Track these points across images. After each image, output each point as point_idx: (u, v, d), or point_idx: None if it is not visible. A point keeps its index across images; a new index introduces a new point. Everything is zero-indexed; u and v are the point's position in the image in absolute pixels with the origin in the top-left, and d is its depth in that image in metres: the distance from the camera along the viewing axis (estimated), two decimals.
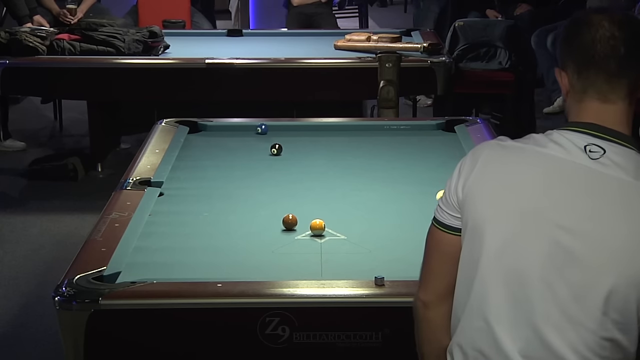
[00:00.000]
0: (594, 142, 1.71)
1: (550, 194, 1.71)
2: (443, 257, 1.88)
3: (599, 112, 1.74)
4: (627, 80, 1.74)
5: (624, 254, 1.66)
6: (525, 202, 1.73)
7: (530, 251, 1.72)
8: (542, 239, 1.71)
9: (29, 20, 6.37)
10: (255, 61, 5.66)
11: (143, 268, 2.74)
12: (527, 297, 1.72)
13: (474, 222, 1.79)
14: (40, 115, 7.55)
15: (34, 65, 5.67)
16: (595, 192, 1.69)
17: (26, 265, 4.78)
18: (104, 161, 6.18)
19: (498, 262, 1.75)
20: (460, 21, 6.82)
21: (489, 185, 1.78)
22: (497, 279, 1.75)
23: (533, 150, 1.75)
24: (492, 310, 1.76)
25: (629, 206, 1.68)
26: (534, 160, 1.74)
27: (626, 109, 1.75)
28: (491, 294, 1.76)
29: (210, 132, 4.37)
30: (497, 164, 1.79)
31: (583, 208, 1.69)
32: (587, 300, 1.68)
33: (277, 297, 2.52)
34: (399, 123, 4.50)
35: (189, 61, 5.68)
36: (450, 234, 1.86)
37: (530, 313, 1.72)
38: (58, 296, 2.53)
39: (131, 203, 3.25)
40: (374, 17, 11.22)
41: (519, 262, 1.73)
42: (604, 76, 1.73)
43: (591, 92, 1.75)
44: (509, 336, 1.74)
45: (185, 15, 7.48)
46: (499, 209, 1.75)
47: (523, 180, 1.74)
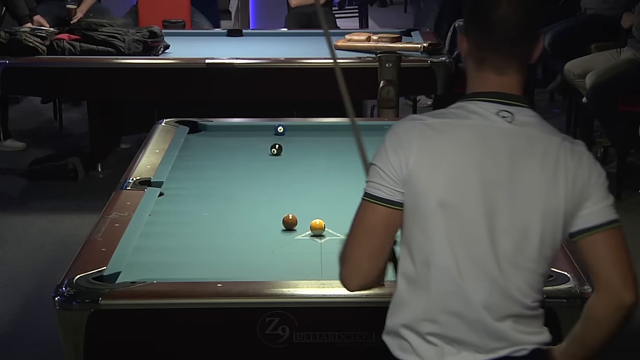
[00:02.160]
0: (503, 109, 1.95)
1: (485, 158, 1.92)
2: (387, 233, 1.98)
3: (498, 82, 1.96)
4: (519, 57, 1.97)
5: (545, 197, 1.92)
6: (466, 170, 1.92)
7: (478, 213, 1.92)
8: (483, 198, 1.92)
9: (29, 20, 6.37)
10: (255, 61, 5.66)
11: (143, 268, 2.74)
12: (482, 253, 1.92)
13: (421, 199, 1.93)
14: (40, 115, 7.55)
15: (34, 65, 5.67)
16: (518, 149, 1.93)
17: (26, 265, 4.78)
18: (104, 161, 6.18)
19: (453, 231, 1.92)
20: (460, 21, 6.81)
21: (430, 161, 1.92)
22: (454, 245, 1.92)
23: (460, 123, 1.95)
24: (457, 272, 1.93)
25: (544, 156, 1.93)
26: (464, 132, 1.94)
27: (520, 79, 1.98)
28: (453, 259, 1.92)
29: (210, 132, 4.37)
30: (431, 141, 1.93)
31: (512, 165, 1.92)
32: (526, 245, 1.93)
33: (277, 297, 2.52)
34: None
35: (189, 61, 5.68)
36: (395, 209, 1.96)
37: (486, 267, 1.92)
38: (58, 296, 2.53)
39: (131, 203, 3.25)
40: (374, 17, 11.22)
41: (469, 225, 1.92)
42: (500, 54, 1.95)
43: (488, 65, 1.96)
44: (475, 291, 1.93)
45: (185, 15, 7.47)
46: (444, 182, 1.92)
47: (460, 151, 1.93)
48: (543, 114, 7.38)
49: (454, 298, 1.94)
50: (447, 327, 1.95)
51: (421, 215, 1.93)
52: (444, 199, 1.91)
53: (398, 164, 1.93)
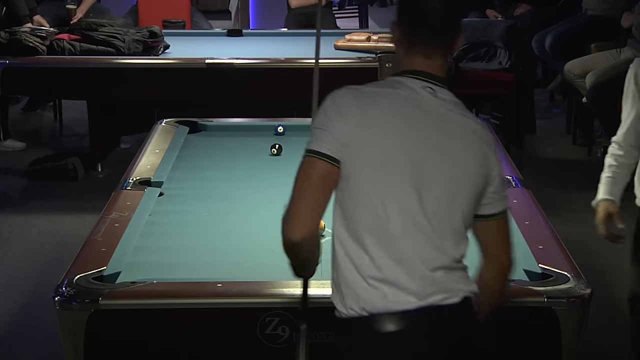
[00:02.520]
0: (427, 85, 2.20)
1: (416, 121, 2.16)
2: (329, 188, 2.15)
3: (424, 64, 2.21)
4: (443, 45, 2.22)
5: (466, 166, 2.17)
6: (400, 132, 2.14)
7: (412, 171, 2.14)
8: (415, 158, 2.14)
9: (29, 20, 6.36)
10: (255, 61, 5.65)
11: (143, 268, 2.74)
12: (413, 209, 2.14)
13: (359, 158, 2.12)
14: (40, 115, 7.55)
15: (34, 65, 5.67)
16: (443, 118, 2.17)
17: (26, 265, 4.78)
18: (104, 161, 6.18)
19: (387, 188, 2.12)
20: None
21: (368, 124, 2.13)
22: (389, 201, 2.13)
23: (391, 92, 2.19)
24: (392, 226, 2.13)
25: (463, 130, 2.19)
26: (396, 99, 2.18)
27: (443, 63, 2.24)
28: (386, 214, 2.13)
29: (210, 132, 4.37)
30: (369, 107, 2.16)
31: (438, 131, 2.16)
32: (451, 203, 2.16)
33: (277, 297, 2.52)
34: None
35: (189, 61, 5.68)
36: (334, 166, 2.13)
37: (417, 222, 2.14)
38: (58, 296, 2.53)
39: (131, 203, 3.26)
40: (374, 17, 11.22)
41: (401, 182, 2.13)
42: (427, 42, 2.20)
43: (415, 50, 2.21)
44: (409, 243, 2.14)
45: (185, 15, 7.48)
46: (380, 143, 2.13)
47: (393, 115, 2.15)
48: (543, 113, 7.42)
49: (392, 248, 2.13)
50: (388, 272, 2.13)
51: (358, 172, 2.13)
52: (380, 159, 2.12)
53: (340, 125, 2.13)
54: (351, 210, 2.15)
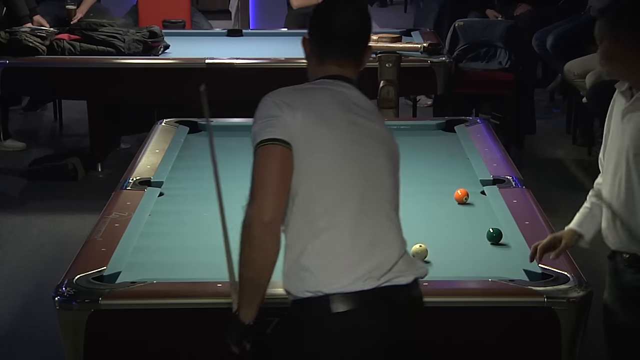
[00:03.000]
0: (344, 85, 2.38)
1: (348, 112, 2.34)
2: (289, 171, 2.24)
3: (339, 72, 2.40)
4: (355, 57, 2.42)
5: (387, 141, 2.39)
6: (339, 121, 2.31)
7: (353, 156, 2.30)
8: (355, 145, 2.30)
9: (29, 20, 6.36)
10: (255, 61, 5.66)
11: (143, 268, 2.74)
12: (372, 205, 2.29)
13: (308, 147, 2.25)
14: (40, 115, 7.55)
15: (34, 65, 5.67)
16: (364, 106, 2.40)
17: (26, 265, 4.78)
18: (104, 161, 6.18)
19: (334, 173, 2.27)
20: (460, 21, 6.81)
21: (312, 116, 2.29)
22: (339, 184, 2.27)
23: (321, 88, 2.37)
24: (343, 209, 2.26)
25: (378, 115, 2.47)
26: (329, 93, 2.36)
27: (356, 71, 2.44)
28: (342, 198, 2.28)
29: None
30: (309, 99, 2.34)
31: (365, 116, 2.36)
32: (389, 188, 2.33)
33: (276, 297, 2.52)
34: (399, 123, 4.51)
35: (189, 61, 5.68)
36: (289, 149, 2.24)
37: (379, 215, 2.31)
38: (58, 296, 2.53)
39: (131, 203, 3.26)
40: (374, 17, 11.08)
41: (348, 167, 2.28)
42: (340, 54, 2.39)
43: (330, 61, 2.40)
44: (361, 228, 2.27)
45: (185, 15, 7.47)
46: (325, 132, 2.28)
47: (330, 106, 2.32)
48: (543, 113, 7.41)
49: (345, 230, 2.24)
50: (342, 254, 2.24)
51: (308, 160, 2.24)
52: (330, 145, 2.27)
53: (288, 114, 2.27)
54: (307, 196, 2.24)
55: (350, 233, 2.24)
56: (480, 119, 4.63)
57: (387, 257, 2.27)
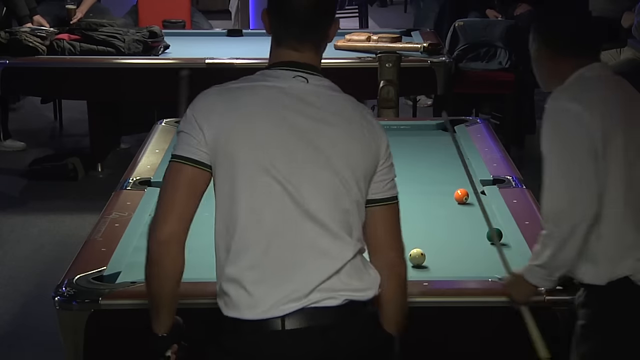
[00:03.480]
0: (298, 74, 2.15)
1: (286, 111, 2.11)
2: (192, 191, 2.10)
3: (294, 56, 2.16)
4: (311, 40, 2.16)
5: (346, 150, 2.11)
6: (269, 124, 2.09)
7: (290, 161, 2.08)
8: (291, 148, 2.08)
9: (29, 20, 6.36)
10: (255, 61, 5.65)
11: (143, 268, 2.73)
12: (299, 218, 2.08)
13: (230, 157, 2.07)
14: (40, 115, 7.55)
15: (34, 65, 5.67)
16: (314, 102, 2.12)
17: (26, 265, 4.78)
18: (104, 161, 6.18)
19: (265, 187, 2.07)
20: (460, 21, 6.81)
21: (234, 121, 2.09)
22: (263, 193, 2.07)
23: (260, 85, 2.16)
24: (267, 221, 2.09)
25: (342, 110, 2.14)
26: (264, 90, 2.14)
27: (315, 55, 2.18)
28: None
29: None
30: (234, 103, 2.13)
31: (310, 115, 2.11)
32: (338, 195, 2.09)
33: None
34: (399, 123, 4.51)
35: (189, 61, 5.67)
36: (202, 170, 2.09)
37: (312, 229, 2.09)
38: (58, 296, 2.53)
39: (131, 203, 3.25)
40: (374, 17, 11.22)
41: (280, 177, 2.07)
42: (294, 37, 2.15)
43: (285, 44, 2.16)
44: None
45: (185, 15, 7.47)
46: (252, 138, 2.08)
47: (263, 107, 2.11)
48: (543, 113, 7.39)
49: (266, 248, 2.08)
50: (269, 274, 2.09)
51: (233, 170, 2.08)
52: (251, 154, 2.07)
53: (196, 134, 2.08)
54: (221, 213, 2.12)
55: (259, 260, 2.08)
56: (480, 119, 4.63)
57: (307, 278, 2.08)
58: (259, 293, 2.08)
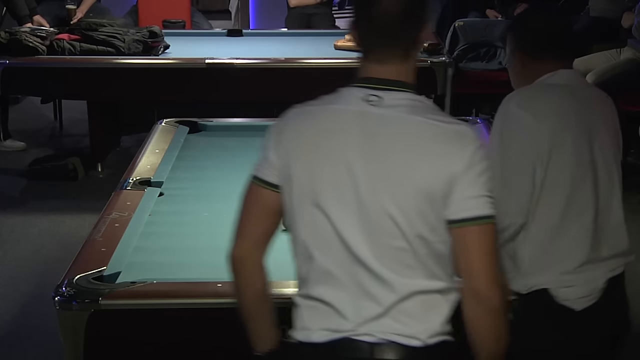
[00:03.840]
0: (371, 93, 2.02)
1: (339, 142, 2.00)
2: (263, 212, 2.10)
3: (378, 70, 2.04)
4: (400, 47, 2.03)
5: (417, 173, 1.96)
6: (329, 150, 2.00)
7: (342, 192, 2.00)
8: (343, 179, 1.98)
9: (29, 20, 6.36)
10: (255, 61, 5.65)
11: (143, 268, 2.74)
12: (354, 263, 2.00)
13: (291, 184, 2.03)
14: (40, 115, 7.55)
15: (34, 65, 5.67)
16: (373, 131, 1.98)
17: (26, 265, 4.78)
18: (104, 161, 6.18)
19: (335, 201, 2.00)
20: (460, 21, 6.81)
21: (295, 146, 2.04)
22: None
23: (330, 108, 2.05)
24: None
25: (403, 135, 1.98)
26: (329, 116, 2.04)
27: (404, 67, 2.05)
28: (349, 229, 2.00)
29: (210, 132, 4.37)
30: (302, 126, 2.06)
31: (366, 145, 1.98)
32: (409, 217, 1.96)
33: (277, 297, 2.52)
34: None
35: (189, 61, 5.68)
36: (274, 191, 2.07)
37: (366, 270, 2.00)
38: (58, 296, 2.53)
39: (131, 203, 3.25)
40: None
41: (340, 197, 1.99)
42: (380, 45, 2.04)
43: (370, 57, 2.06)
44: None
45: (185, 15, 7.48)
46: (307, 166, 2.01)
47: (320, 136, 2.02)
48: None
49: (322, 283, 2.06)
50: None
51: (290, 196, 2.05)
52: (306, 187, 2.02)
53: (271, 154, 2.07)
54: (293, 237, 2.11)
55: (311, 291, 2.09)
56: (480, 119, 4.63)
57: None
58: (310, 322, 2.09)
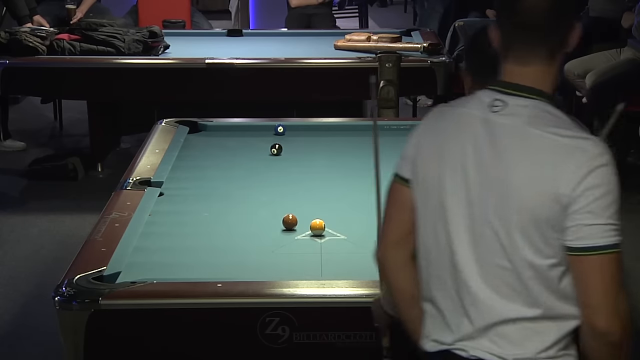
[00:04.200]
0: (498, 97, 1.92)
1: (460, 143, 1.94)
2: (401, 208, 2.06)
3: (514, 73, 1.93)
4: (546, 46, 1.91)
5: (522, 188, 1.86)
6: (450, 154, 1.96)
7: (453, 196, 1.96)
8: (457, 178, 1.94)
9: (29, 20, 6.36)
10: (255, 61, 5.65)
11: (143, 268, 2.74)
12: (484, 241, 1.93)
13: (422, 176, 2.00)
14: (40, 115, 7.55)
15: (34, 65, 5.67)
16: (488, 140, 1.91)
17: (26, 265, 4.78)
18: (104, 161, 6.18)
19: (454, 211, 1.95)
20: (460, 21, 6.81)
21: (429, 145, 2.01)
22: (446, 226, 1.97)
23: (455, 110, 2.00)
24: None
25: (515, 148, 1.88)
26: (457, 120, 1.97)
27: (544, 69, 1.92)
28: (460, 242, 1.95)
29: (210, 132, 4.37)
30: (434, 126, 2.02)
31: (478, 153, 1.92)
32: (511, 235, 1.87)
33: (277, 297, 2.52)
34: (399, 123, 4.50)
35: (189, 61, 5.68)
36: (405, 186, 2.05)
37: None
38: (58, 296, 2.53)
39: (131, 203, 3.25)
40: (374, 17, 11.22)
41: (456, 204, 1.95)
42: (525, 43, 1.91)
43: (512, 56, 1.93)
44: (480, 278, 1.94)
45: (185, 15, 7.48)
46: (437, 163, 1.97)
47: (447, 138, 1.97)
48: None
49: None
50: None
51: (418, 195, 2.04)
52: (430, 192, 1.99)
53: (411, 146, 2.05)
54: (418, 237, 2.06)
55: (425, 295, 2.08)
56: None
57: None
58: (427, 329, 2.07)
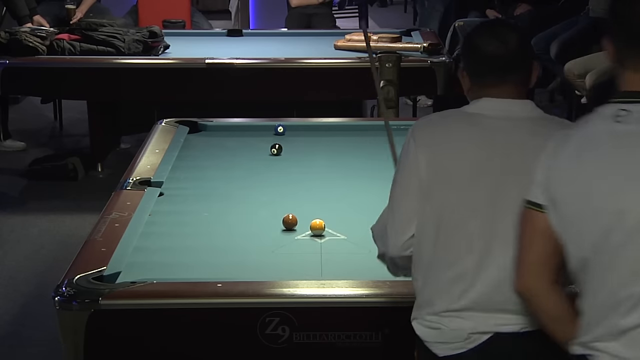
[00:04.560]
0: (622, 108, 1.84)
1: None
2: (533, 234, 1.94)
3: (636, 81, 1.85)
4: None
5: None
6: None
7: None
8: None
9: (29, 20, 6.36)
10: (255, 61, 5.65)
11: (143, 268, 2.74)
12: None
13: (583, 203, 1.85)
14: (40, 115, 7.55)
15: (34, 65, 5.67)
16: (624, 149, 1.82)
17: (26, 265, 4.78)
18: (104, 161, 6.18)
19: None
20: (460, 21, 6.81)
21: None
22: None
23: (580, 132, 1.93)
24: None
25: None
26: (580, 140, 1.91)
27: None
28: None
29: (210, 132, 4.37)
30: (572, 149, 1.90)
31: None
32: None
33: (277, 297, 2.52)
34: (399, 123, 4.50)
35: (189, 61, 5.67)
36: (535, 211, 1.93)
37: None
38: (58, 296, 2.53)
39: (131, 203, 3.25)
40: (374, 17, 11.22)
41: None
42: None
43: (629, 67, 1.85)
44: None
45: (185, 15, 7.48)
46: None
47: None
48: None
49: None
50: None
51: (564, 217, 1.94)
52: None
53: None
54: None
55: None
56: None
57: None
58: None
